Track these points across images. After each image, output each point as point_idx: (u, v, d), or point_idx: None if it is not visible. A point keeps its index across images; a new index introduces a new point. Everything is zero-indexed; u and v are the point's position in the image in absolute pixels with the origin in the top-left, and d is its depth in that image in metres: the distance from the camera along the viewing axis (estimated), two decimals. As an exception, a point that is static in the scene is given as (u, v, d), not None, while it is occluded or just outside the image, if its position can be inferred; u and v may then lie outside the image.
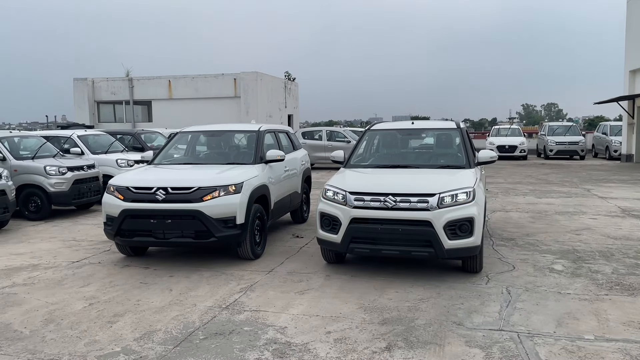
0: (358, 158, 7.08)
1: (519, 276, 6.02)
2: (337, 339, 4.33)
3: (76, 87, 23.21)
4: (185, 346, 4.24)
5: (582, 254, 6.98)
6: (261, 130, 7.82)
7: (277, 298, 5.36)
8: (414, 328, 4.55)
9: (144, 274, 6.30)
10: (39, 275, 6.35)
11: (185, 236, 6.34)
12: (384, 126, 7.61)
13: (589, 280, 5.86)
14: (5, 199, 8.89)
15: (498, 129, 27.37)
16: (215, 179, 6.44)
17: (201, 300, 5.34)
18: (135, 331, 4.56)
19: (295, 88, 26.17)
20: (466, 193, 5.72)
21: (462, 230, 5.64)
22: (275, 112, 23.08)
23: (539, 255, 6.93)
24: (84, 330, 4.60)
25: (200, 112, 20.37)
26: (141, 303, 5.29)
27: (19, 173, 10.15)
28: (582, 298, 5.27)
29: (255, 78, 21.10)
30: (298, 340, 4.32)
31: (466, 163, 6.53)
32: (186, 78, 22.14)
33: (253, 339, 4.36)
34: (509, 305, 5.06)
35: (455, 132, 7.06)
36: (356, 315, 4.85)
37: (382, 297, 5.36)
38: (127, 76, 23.01)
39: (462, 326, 4.58)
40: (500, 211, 10.44)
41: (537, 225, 9.01)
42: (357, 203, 5.80)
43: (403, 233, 5.65)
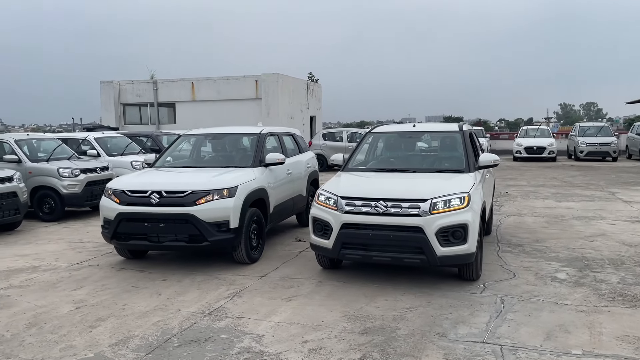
0: (356, 162, 6.95)
1: (518, 285, 5.79)
2: (312, 349, 4.22)
3: (103, 90, 23.68)
4: (157, 353, 4.20)
5: (590, 262, 6.69)
6: (262, 133, 7.77)
7: (263, 305, 5.28)
8: (394, 339, 4.40)
9: (137, 278, 6.31)
10: (36, 277, 6.43)
11: (179, 240, 6.32)
12: (385, 129, 7.46)
13: (591, 290, 5.60)
14: (17, 200, 9.07)
15: (526, 129, 26.69)
16: (209, 182, 6.41)
17: (187, 306, 5.30)
18: (113, 337, 4.54)
19: (318, 89, 26.09)
20: (460, 198, 5.52)
21: (456, 236, 5.45)
22: (297, 113, 23.04)
23: (545, 263, 6.67)
24: (63, 335, 4.61)
25: (222, 114, 20.48)
26: (126, 307, 5.28)
27: (33, 175, 10.35)
28: (579, 309, 5.02)
29: (276, 80, 21.11)
30: (272, 349, 4.23)
31: (465, 167, 6.32)
32: (209, 80, 22.32)
33: (227, 347, 4.29)
34: (499, 316, 4.86)
35: (457, 135, 6.85)
36: (338, 324, 4.73)
37: (370, 305, 5.22)
38: (152, 79, 23.36)
39: (445, 337, 4.41)
40: (515, 215, 10.14)
41: (550, 230, 8.69)
42: (348, 208, 5.68)
43: (394, 239, 5.50)
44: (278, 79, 21.15)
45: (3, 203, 8.79)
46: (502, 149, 29.20)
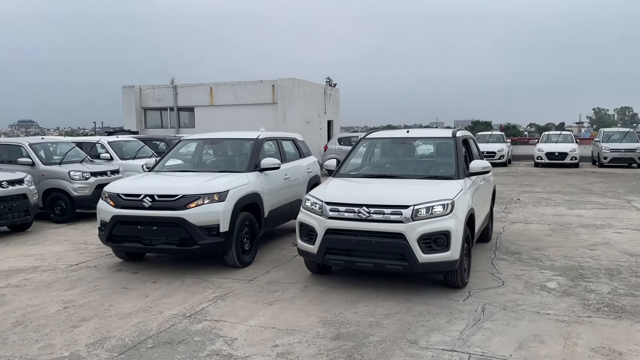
0: (348, 167, 6.97)
1: (504, 293, 5.73)
2: (281, 353, 4.26)
3: (125, 94, 24.19)
4: (130, 354, 4.30)
5: (585, 271, 6.57)
6: (259, 139, 7.86)
7: (244, 308, 5.35)
8: (364, 345, 4.41)
9: (129, 279, 6.45)
10: (34, 277, 6.63)
11: (170, 243, 6.45)
12: (379, 135, 7.46)
13: (578, 300, 5.51)
14: (27, 202, 9.35)
15: (548, 134, 26.23)
16: (200, 187, 6.51)
17: (170, 308, 5.40)
18: (92, 337, 4.67)
19: (336, 94, 26.12)
20: (443, 205, 5.50)
21: (438, 243, 5.43)
22: (313, 118, 23.11)
23: (538, 272, 6.58)
24: (45, 334, 4.75)
25: (239, 118, 20.70)
26: (112, 309, 5.41)
27: (46, 177, 10.66)
28: (560, 319, 4.95)
29: (292, 84, 21.24)
30: (241, 352, 4.29)
31: (455, 174, 6.29)
32: (226, 85, 22.59)
33: (198, 349, 4.37)
34: (475, 324, 4.83)
35: (449, 141, 6.81)
36: (312, 329, 4.76)
37: (349, 310, 5.24)
38: (172, 83, 23.75)
39: (415, 345, 4.41)
40: (520, 223, 10.00)
41: (553, 238, 8.56)
42: (332, 214, 5.71)
43: (376, 245, 5.51)
44: (294, 83, 21.27)
45: (13, 205, 9.07)
46: (525, 154, 28.78)
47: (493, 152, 24.64)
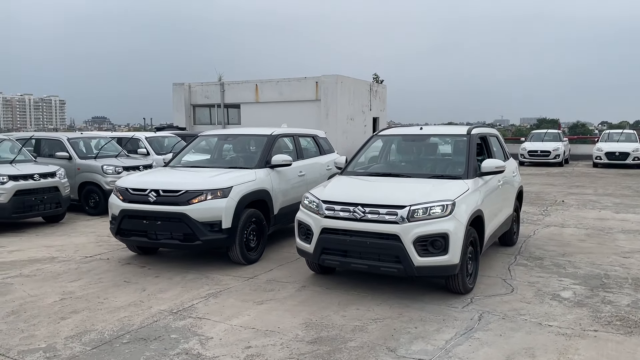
0: (357, 165, 6.75)
1: (509, 301, 5.37)
2: (250, 355, 4.14)
3: (175, 91, 24.79)
4: (102, 348, 4.30)
5: (610, 281, 6.08)
6: (272, 135, 7.76)
7: (232, 306, 5.26)
8: (339, 350, 4.22)
9: (134, 273, 6.51)
10: (47, 267, 6.81)
11: (174, 238, 6.45)
12: (391, 132, 7.19)
13: (589, 311, 5.08)
14: (59, 194, 9.68)
15: (609, 133, 24.71)
16: (204, 182, 6.49)
17: (160, 303, 5.39)
18: (75, 329, 4.71)
19: (383, 90, 25.70)
20: (442, 206, 5.21)
21: (435, 246, 5.15)
22: (357, 114, 22.83)
23: (556, 279, 6.14)
24: (32, 324, 4.84)
25: (283, 115, 20.71)
26: (105, 302, 5.46)
27: (81, 171, 11.01)
28: (561, 332, 4.57)
29: (335, 81, 21.04)
30: (211, 352, 4.20)
31: (464, 173, 5.95)
32: (271, 82, 22.68)
33: (170, 347, 4.31)
34: (465, 334, 4.53)
35: (463, 139, 6.46)
36: (292, 332, 4.61)
37: (338, 313, 5.06)
38: (220, 81, 24.13)
39: (393, 352, 4.17)
40: (556, 226, 9.42)
41: (586, 244, 7.99)
42: (328, 212, 5.53)
43: (371, 246, 5.28)
44: (337, 80, 21.09)
45: (44, 197, 9.42)
46: (587, 154, 27.27)
47: (547, 151, 23.54)
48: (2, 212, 8.88)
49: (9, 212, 8.94)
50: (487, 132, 7.18)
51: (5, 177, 8.95)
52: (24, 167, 9.56)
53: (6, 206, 8.89)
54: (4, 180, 8.92)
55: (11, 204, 8.93)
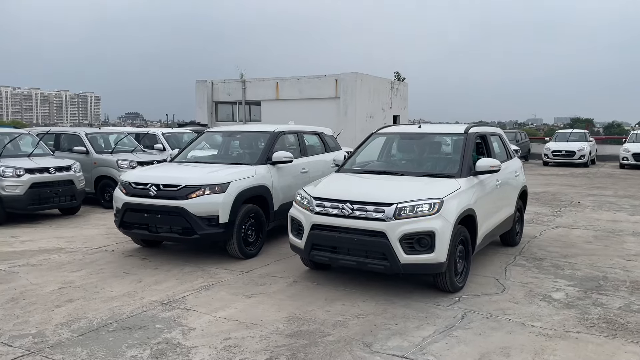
0: (354, 162, 6.80)
1: (498, 301, 5.36)
2: (227, 347, 4.24)
3: (198, 88, 25.16)
4: (88, 336, 4.46)
5: (607, 283, 6.00)
6: (274, 132, 7.86)
7: (221, 299, 5.38)
8: (316, 344, 4.29)
9: (134, 265, 6.70)
10: (53, 258, 7.06)
11: (173, 231, 6.61)
12: (390, 130, 7.20)
13: (577, 313, 5.03)
14: (74, 188, 9.98)
15: (636, 134, 24.08)
16: (202, 178, 6.63)
17: (153, 294, 5.55)
18: (66, 317, 4.89)
19: (404, 88, 25.55)
20: (430, 204, 5.22)
21: (422, 244, 5.17)
22: (377, 112, 22.78)
23: (550, 280, 6.09)
24: (28, 311, 5.04)
25: (303, 112, 20.84)
26: (101, 291, 5.64)
27: (97, 165, 11.32)
28: (543, 333, 4.55)
29: (354, 79, 21.04)
30: (190, 343, 4.32)
31: (457, 172, 5.94)
32: (292, 79, 22.82)
33: (152, 336, 4.45)
34: (445, 331, 4.55)
35: (459, 137, 6.45)
36: (273, 325, 4.70)
37: (323, 308, 5.12)
38: (241, 78, 24.38)
39: (368, 348, 4.22)
40: (564, 227, 9.29)
41: (592, 246, 7.87)
42: (318, 209, 5.60)
43: (358, 243, 5.34)
44: (357, 77, 21.08)
45: (59, 189, 9.72)
46: (614, 154, 26.62)
47: (572, 151, 23.10)
48: (18, 203, 9.21)
49: (24, 204, 9.26)
50: (487, 131, 7.13)
51: (22, 170, 9.28)
52: (41, 161, 9.88)
53: (22, 198, 9.21)
54: (20, 173, 9.24)
55: (27, 196, 9.25)
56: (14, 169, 9.24)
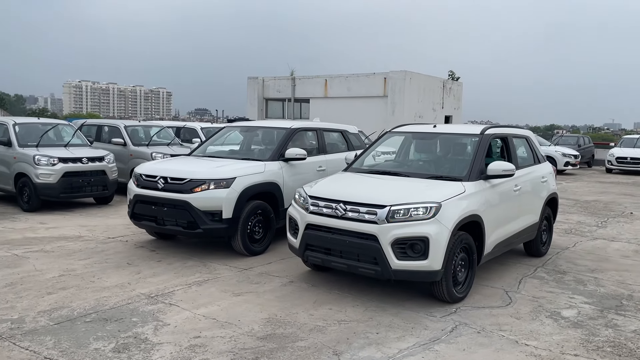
0: (362, 162, 6.54)
1: (498, 315, 4.97)
2: (192, 345, 4.13)
3: (249, 85, 25.42)
4: (63, 325, 4.47)
5: (630, 303, 5.47)
6: (291, 128, 7.71)
7: (209, 296, 5.29)
8: (284, 349, 4.11)
9: (139, 256, 6.73)
10: (68, 245, 7.22)
11: (178, 225, 6.60)
12: (405, 129, 6.87)
13: (583, 334, 4.58)
14: (106, 178, 10.24)
15: None
16: (208, 172, 6.57)
17: (145, 287, 5.53)
18: (52, 305, 4.93)
19: (458, 88, 24.71)
20: (426, 208, 4.91)
21: (415, 250, 4.87)
22: (427, 112, 22.15)
23: (566, 296, 5.61)
24: (20, 297, 5.14)
25: (351, 110, 20.62)
26: (97, 281, 5.68)
27: (134, 157, 11.58)
28: (534, 353, 4.16)
29: (403, 77, 20.54)
30: (157, 339, 4.24)
31: (466, 175, 5.57)
32: (340, 77, 22.60)
33: (123, 330, 4.40)
34: (425, 344, 4.25)
35: (473, 139, 6.05)
36: (250, 325, 4.55)
37: (307, 311, 4.93)
38: (291, 75, 24.41)
39: (337, 357, 4.00)
40: (605, 239, 8.61)
41: (627, 261, 7.24)
42: (312, 208, 5.40)
43: (349, 245, 5.10)
44: (406, 76, 20.59)
45: (91, 179, 10.00)
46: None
47: (638, 158, 21.61)
48: (51, 191, 9.54)
49: (57, 192, 9.58)
50: (509, 132, 6.67)
51: (56, 159, 9.60)
52: (76, 151, 10.19)
53: (55, 186, 9.53)
54: (54, 162, 9.57)
55: (60, 184, 9.56)
56: (49, 157, 9.57)
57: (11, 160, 9.93)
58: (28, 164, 9.59)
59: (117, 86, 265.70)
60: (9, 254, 6.70)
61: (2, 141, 10.17)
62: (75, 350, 3.99)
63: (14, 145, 9.98)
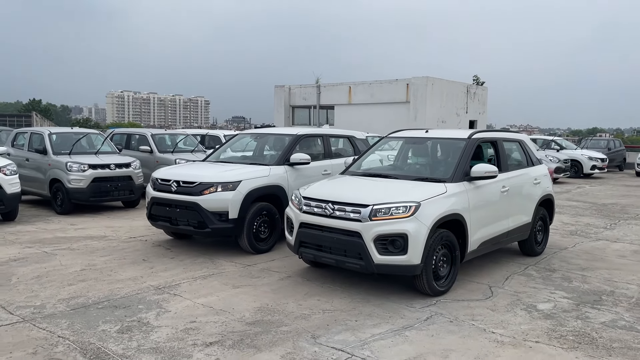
0: (359, 165, 6.97)
1: (475, 307, 5.33)
2: (187, 329, 4.64)
3: (276, 93, 26.12)
4: (78, 310, 5.05)
5: (609, 298, 5.73)
6: (297, 135, 8.20)
7: (211, 288, 5.81)
8: (268, 332, 4.58)
9: (155, 254, 7.33)
10: (93, 244, 7.88)
11: (190, 224, 7.16)
12: (400, 134, 7.26)
13: (551, 324, 4.90)
14: (132, 183, 10.95)
15: None
16: (216, 176, 7.11)
17: (155, 279, 6.09)
18: (71, 294, 5.54)
19: (483, 93, 24.76)
20: (405, 207, 5.31)
21: (395, 246, 5.28)
22: (451, 117, 22.33)
23: (548, 292, 5.91)
24: (44, 287, 5.77)
25: (374, 117, 21.02)
26: (114, 274, 6.28)
27: (159, 164, 12.24)
28: (497, 340, 4.51)
29: (425, 83, 20.81)
30: (157, 323, 4.76)
31: (450, 177, 5.94)
32: (364, 84, 23.01)
33: (129, 315, 4.95)
34: (397, 331, 4.65)
35: (460, 143, 6.41)
36: (242, 313, 5.04)
37: (297, 302, 5.39)
38: (317, 83, 24.96)
39: (313, 339, 4.44)
40: (607, 240, 8.78)
41: (622, 261, 7.43)
42: (305, 208, 5.86)
43: (337, 242, 5.54)
44: (427, 82, 20.85)
45: (118, 184, 10.72)
46: None
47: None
48: (81, 195, 10.29)
49: (87, 196, 10.33)
50: (498, 137, 6.99)
51: (86, 166, 10.36)
52: (105, 158, 10.94)
53: (85, 191, 10.29)
54: (85, 169, 10.32)
55: (89, 189, 10.32)
56: (80, 164, 10.34)
57: (46, 167, 10.75)
58: (61, 170, 10.37)
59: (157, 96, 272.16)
60: (40, 251, 7.39)
61: (38, 149, 11.01)
62: (85, 331, 4.56)
63: (48, 153, 10.80)
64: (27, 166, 11.35)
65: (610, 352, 4.32)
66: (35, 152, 11.13)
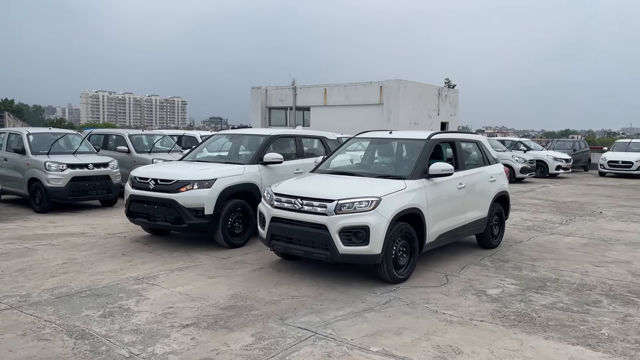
0: (327, 164, 7.44)
1: (430, 292, 5.84)
2: (165, 313, 5.04)
3: (252, 95, 26.54)
4: (62, 299, 5.42)
5: (553, 284, 6.28)
6: (270, 135, 8.64)
7: (187, 278, 6.21)
8: (239, 316, 5.01)
9: (134, 248, 7.69)
10: (73, 240, 8.21)
11: (167, 220, 7.55)
12: (367, 135, 7.76)
13: (497, 306, 5.43)
14: (110, 182, 11.26)
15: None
16: (192, 174, 7.51)
17: (134, 271, 6.47)
18: (55, 284, 5.90)
19: (454, 95, 25.56)
20: (367, 202, 5.79)
21: (358, 237, 5.75)
22: (423, 119, 23.03)
23: (498, 279, 6.45)
24: (28, 279, 6.10)
25: (349, 118, 21.55)
26: (94, 267, 6.64)
27: (136, 164, 12.53)
28: (447, 319, 5.02)
29: (397, 85, 21.46)
30: (137, 308, 5.16)
31: (409, 174, 6.44)
32: (339, 86, 23.58)
33: (111, 302, 5.33)
34: (358, 313, 5.13)
35: (419, 143, 6.93)
36: (216, 299, 5.46)
37: (268, 290, 5.82)
38: (293, 85, 25.43)
39: (281, 321, 4.89)
40: (560, 235, 9.40)
41: (571, 252, 8.04)
42: (276, 203, 6.31)
43: (305, 234, 5.99)
44: (400, 84, 21.50)
45: (97, 183, 11.03)
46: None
47: (629, 162, 22.26)
48: (60, 194, 10.57)
49: (65, 195, 10.61)
50: (456, 137, 7.53)
51: (64, 165, 10.64)
52: (83, 158, 11.23)
53: (64, 190, 10.57)
54: (63, 168, 10.61)
55: (68, 188, 10.60)
56: (58, 164, 10.62)
57: (25, 166, 11.00)
58: (40, 169, 10.64)
59: (133, 96, 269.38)
60: (21, 247, 7.70)
61: (17, 149, 11.25)
62: (70, 316, 4.93)
63: (27, 153, 11.05)
64: (5, 166, 11.58)
65: (545, 328, 4.85)
66: (13, 152, 11.37)
